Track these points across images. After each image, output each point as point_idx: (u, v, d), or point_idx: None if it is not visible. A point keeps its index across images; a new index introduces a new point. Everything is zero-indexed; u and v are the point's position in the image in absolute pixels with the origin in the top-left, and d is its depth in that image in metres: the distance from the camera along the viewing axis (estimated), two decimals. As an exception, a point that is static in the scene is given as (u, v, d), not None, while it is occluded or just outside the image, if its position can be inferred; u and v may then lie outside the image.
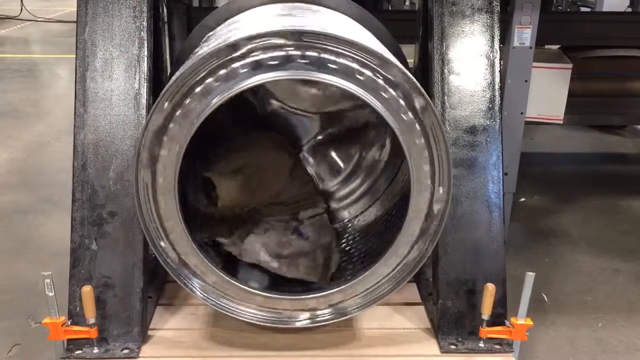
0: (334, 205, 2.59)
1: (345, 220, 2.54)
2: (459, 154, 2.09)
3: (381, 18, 2.42)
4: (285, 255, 2.25)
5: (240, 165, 2.41)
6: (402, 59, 2.29)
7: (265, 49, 1.65)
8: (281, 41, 1.64)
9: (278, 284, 2.15)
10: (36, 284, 2.67)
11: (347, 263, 2.26)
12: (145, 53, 2.09)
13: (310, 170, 2.62)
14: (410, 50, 2.59)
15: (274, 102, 2.59)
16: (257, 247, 2.24)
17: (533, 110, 3.43)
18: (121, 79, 2.06)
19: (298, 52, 1.66)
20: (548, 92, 3.55)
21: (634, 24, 4.19)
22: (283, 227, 2.37)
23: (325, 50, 1.66)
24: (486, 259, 2.07)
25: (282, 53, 1.66)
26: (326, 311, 1.97)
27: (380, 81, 1.71)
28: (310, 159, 2.64)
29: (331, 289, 1.95)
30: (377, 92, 1.72)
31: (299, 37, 1.64)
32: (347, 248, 2.37)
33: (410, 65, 2.40)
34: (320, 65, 1.68)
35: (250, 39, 1.63)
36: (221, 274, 1.89)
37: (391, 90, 1.72)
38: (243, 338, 2.04)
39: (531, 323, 1.97)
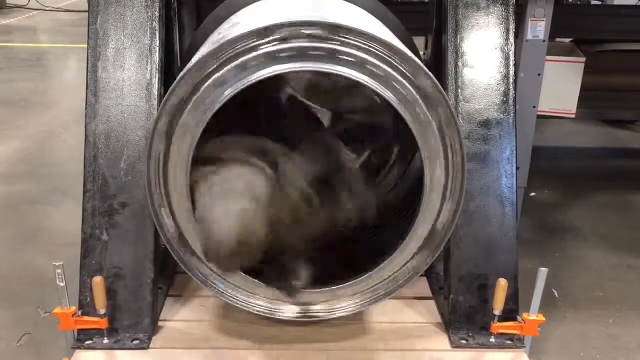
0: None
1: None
2: (472, 147, 2.07)
3: (391, 9, 2.38)
4: None
5: None
6: (415, 51, 2.26)
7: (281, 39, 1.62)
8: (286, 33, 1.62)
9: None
10: (45, 274, 2.65)
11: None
12: (157, 43, 2.08)
13: None
14: (418, 43, 2.55)
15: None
16: None
17: (545, 104, 3.39)
18: (133, 69, 2.05)
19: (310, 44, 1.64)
20: (560, 86, 3.51)
21: (647, 18, 4.12)
22: None
23: (341, 43, 1.64)
24: (498, 254, 2.05)
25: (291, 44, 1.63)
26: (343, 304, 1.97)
27: (391, 71, 1.68)
28: None
29: (346, 283, 1.94)
30: (388, 82, 1.69)
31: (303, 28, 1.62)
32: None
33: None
34: (334, 56, 1.65)
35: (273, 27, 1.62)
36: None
37: (402, 80, 1.69)
38: (253, 330, 2.04)
39: (543, 318, 1.96)
